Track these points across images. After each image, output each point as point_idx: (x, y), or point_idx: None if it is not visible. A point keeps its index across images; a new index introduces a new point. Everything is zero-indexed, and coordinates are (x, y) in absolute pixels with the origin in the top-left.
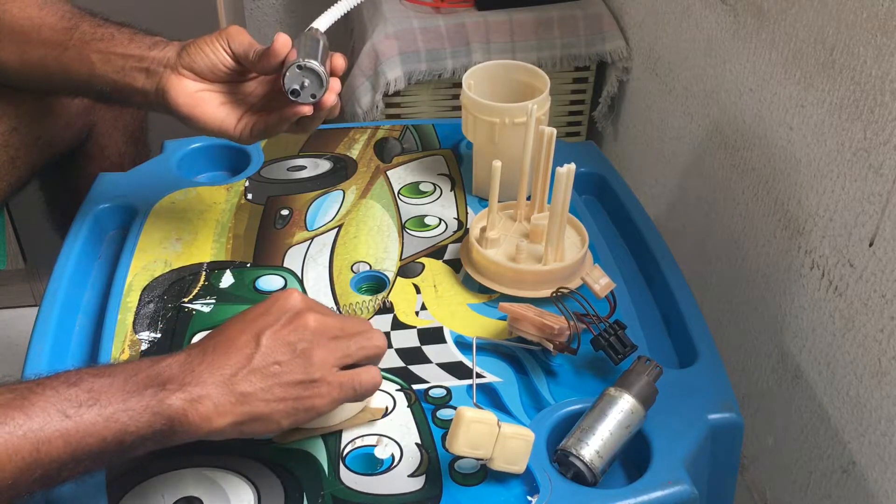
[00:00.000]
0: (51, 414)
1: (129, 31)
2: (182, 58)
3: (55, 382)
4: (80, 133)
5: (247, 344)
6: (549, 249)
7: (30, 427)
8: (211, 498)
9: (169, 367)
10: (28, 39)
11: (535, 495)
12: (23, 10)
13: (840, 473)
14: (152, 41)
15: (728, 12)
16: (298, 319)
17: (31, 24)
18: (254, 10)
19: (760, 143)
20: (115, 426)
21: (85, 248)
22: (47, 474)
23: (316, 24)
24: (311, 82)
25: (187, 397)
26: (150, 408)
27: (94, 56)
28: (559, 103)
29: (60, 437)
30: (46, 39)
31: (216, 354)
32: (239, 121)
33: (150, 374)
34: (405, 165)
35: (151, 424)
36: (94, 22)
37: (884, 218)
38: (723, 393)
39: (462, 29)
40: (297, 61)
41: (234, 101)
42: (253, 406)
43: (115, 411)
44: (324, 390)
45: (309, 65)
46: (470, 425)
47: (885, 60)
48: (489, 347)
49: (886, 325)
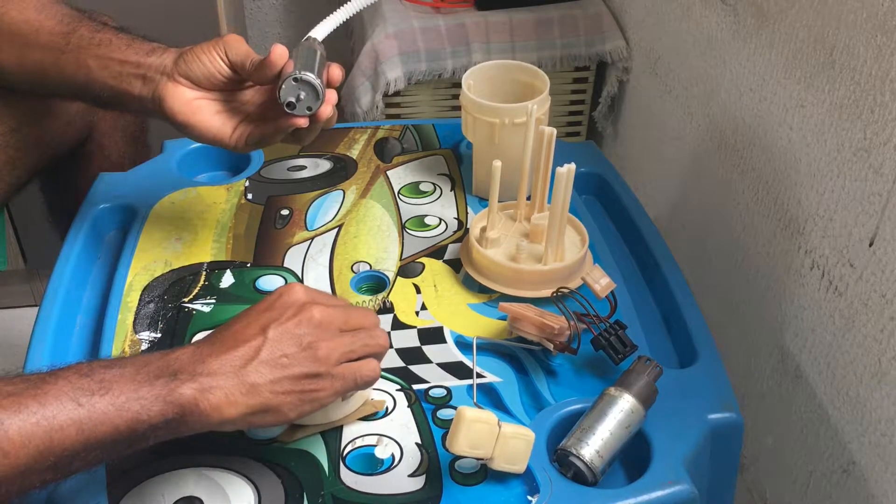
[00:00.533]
0: (64, 402)
1: (126, 36)
2: (178, 65)
3: (67, 373)
4: (81, 133)
5: (254, 336)
6: (550, 249)
7: (43, 415)
8: (211, 498)
9: (179, 358)
10: (26, 42)
11: (536, 495)
12: (22, 12)
13: (840, 473)
14: (150, 47)
15: (728, 12)
16: (303, 312)
17: (29, 27)
18: (254, 10)
19: (760, 143)
20: (127, 415)
21: (85, 248)
22: (60, 462)
23: (313, 33)
24: (307, 95)
25: (199, 387)
26: (162, 397)
27: (92, 61)
28: (559, 103)
29: (73, 424)
30: (44, 43)
31: (225, 347)
32: (234, 130)
33: (161, 365)
34: (405, 165)
35: (163, 413)
36: (93, 27)
37: (884, 218)
38: (723, 393)
39: (462, 29)
40: (292, 74)
41: (229, 110)
42: (262, 397)
43: (128, 400)
44: (327, 383)
45: (305, 77)
46: (470, 425)
47: (885, 60)
48: (489, 347)
49: (886, 325)
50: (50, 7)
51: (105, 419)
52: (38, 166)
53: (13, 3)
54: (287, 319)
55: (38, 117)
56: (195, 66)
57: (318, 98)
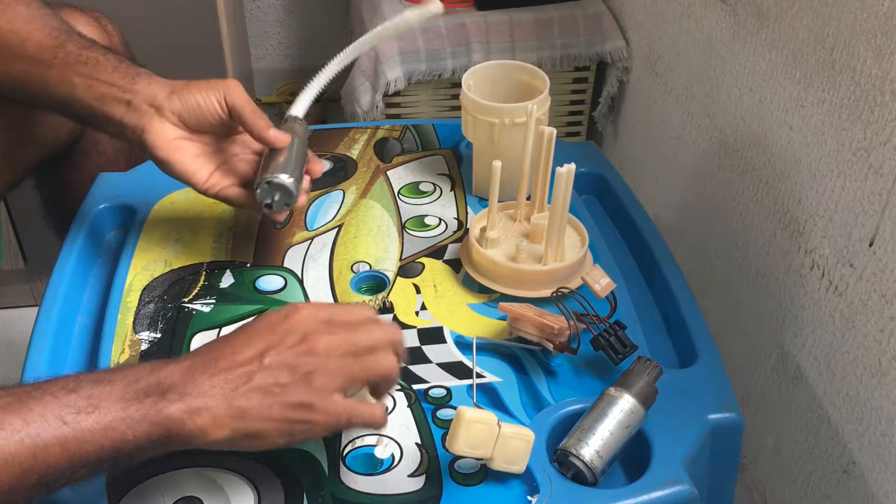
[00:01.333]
0: (49, 420)
1: (114, 58)
2: (172, 101)
3: (54, 388)
4: (75, 130)
5: (250, 361)
6: (549, 249)
7: (27, 433)
8: (211, 498)
9: (170, 374)
10: (13, 53)
11: (535, 495)
12: (10, 22)
13: (840, 473)
14: (135, 72)
15: (728, 12)
16: (306, 342)
17: (17, 38)
18: (254, 10)
19: (760, 143)
20: (112, 434)
21: (85, 248)
22: (43, 481)
23: (293, 111)
24: (282, 194)
25: (186, 408)
26: (149, 417)
27: (77, 78)
28: (559, 103)
29: (58, 443)
30: (31, 55)
31: (218, 367)
32: (210, 176)
33: (151, 382)
34: (405, 165)
35: (149, 434)
36: (81, 43)
37: (884, 218)
38: (723, 393)
39: (462, 29)
40: (266, 178)
41: (209, 154)
42: (250, 422)
43: (114, 420)
44: (318, 417)
45: (277, 181)
46: (470, 425)
47: (885, 60)
48: (489, 347)
49: (886, 325)
50: (40, 19)
51: (91, 438)
52: (33, 163)
53: (3, 13)
54: (287, 349)
55: (31, 115)
56: (189, 106)
57: (293, 197)
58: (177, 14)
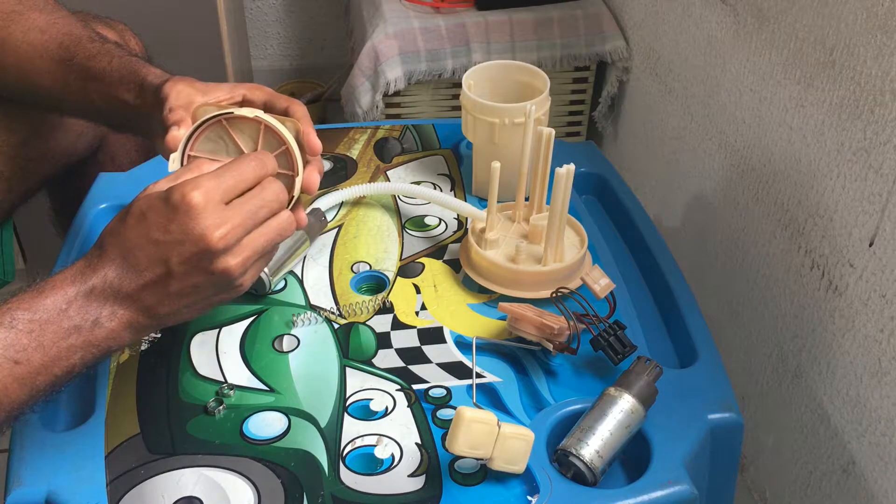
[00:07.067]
0: (1, 363)
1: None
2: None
3: None
4: (92, 144)
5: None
6: (549, 250)
7: None
8: (211, 498)
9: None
10: (32, 67)
11: (535, 495)
12: (25, 34)
13: (840, 473)
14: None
15: (728, 12)
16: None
17: (32, 51)
18: (254, 10)
19: (760, 143)
20: (63, 363)
21: (85, 248)
22: (12, 412)
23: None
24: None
25: (118, 326)
26: (90, 341)
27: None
28: (559, 103)
29: (15, 381)
30: (46, 67)
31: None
32: None
33: (83, 306)
34: (405, 165)
35: (95, 355)
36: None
37: (884, 218)
38: (723, 393)
39: (462, 29)
40: None
41: None
42: (179, 317)
43: (59, 351)
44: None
45: None
46: (470, 425)
47: (885, 60)
48: (489, 347)
49: (886, 325)
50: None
51: (43, 370)
52: (49, 175)
53: (17, 23)
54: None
55: (49, 128)
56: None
57: (264, 287)
58: (177, 14)
